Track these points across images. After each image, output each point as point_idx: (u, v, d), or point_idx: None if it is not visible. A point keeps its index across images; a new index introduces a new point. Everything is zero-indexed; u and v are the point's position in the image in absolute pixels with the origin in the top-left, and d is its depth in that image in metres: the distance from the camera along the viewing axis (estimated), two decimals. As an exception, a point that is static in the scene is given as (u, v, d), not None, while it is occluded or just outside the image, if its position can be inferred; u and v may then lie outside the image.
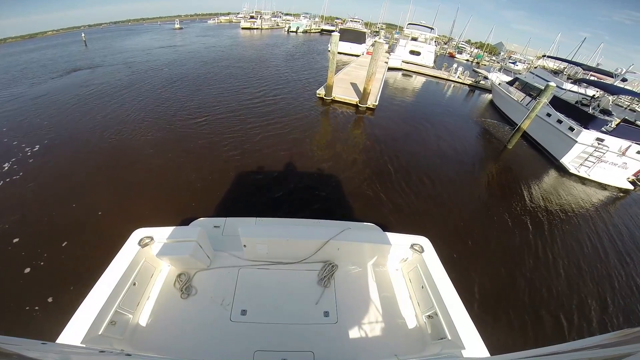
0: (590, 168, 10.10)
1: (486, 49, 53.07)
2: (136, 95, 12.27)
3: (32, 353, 0.89)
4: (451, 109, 16.43)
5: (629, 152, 9.60)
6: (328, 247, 2.61)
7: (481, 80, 23.57)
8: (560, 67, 20.64)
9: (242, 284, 2.54)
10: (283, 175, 7.40)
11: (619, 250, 6.86)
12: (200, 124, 9.82)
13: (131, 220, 4.79)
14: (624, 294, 5.58)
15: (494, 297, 4.95)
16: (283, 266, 2.71)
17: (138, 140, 8.48)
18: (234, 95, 12.93)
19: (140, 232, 2.45)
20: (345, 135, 10.34)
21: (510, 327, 4.48)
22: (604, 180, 10.15)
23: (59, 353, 1.20)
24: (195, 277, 2.54)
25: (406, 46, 28.68)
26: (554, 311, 4.92)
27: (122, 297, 2.08)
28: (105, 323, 1.91)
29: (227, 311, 2.32)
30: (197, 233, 2.43)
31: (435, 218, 6.75)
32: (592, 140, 9.90)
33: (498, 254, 6.00)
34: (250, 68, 18.64)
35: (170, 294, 2.42)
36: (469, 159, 10.32)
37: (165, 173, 7.02)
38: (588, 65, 17.25)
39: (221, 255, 2.73)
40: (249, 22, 50.56)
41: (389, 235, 2.74)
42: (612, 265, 6.32)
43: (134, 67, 17.53)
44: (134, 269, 2.25)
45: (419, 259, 2.60)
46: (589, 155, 10.00)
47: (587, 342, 0.79)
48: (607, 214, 8.41)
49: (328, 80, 12.80)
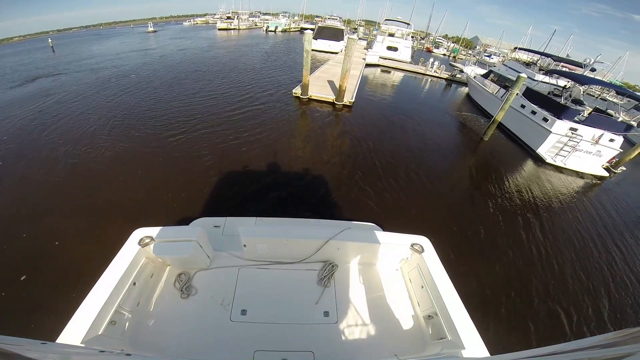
0: (566, 157, 10.18)
1: (462, 43, 54.04)
2: (101, 104, 11.22)
3: (32, 353, 0.87)
4: (429, 103, 16.39)
5: (601, 140, 9.74)
6: (328, 247, 2.59)
7: (457, 74, 23.84)
8: (532, 58, 21.11)
9: (242, 283, 2.52)
10: (257, 178, 6.98)
11: (604, 235, 7.09)
12: (172, 133, 8.96)
13: (102, 247, 4.06)
14: (618, 283, 5.66)
15: (480, 293, 4.80)
16: (283, 266, 2.69)
17: (104, 155, 7.55)
18: (206, 99, 12.19)
19: (140, 232, 2.40)
20: (322, 134, 9.94)
21: (499, 324, 4.27)
22: (580, 168, 10.27)
23: (59, 353, 1.17)
24: (195, 277, 2.52)
25: (383, 42, 28.61)
26: (547, 305, 4.84)
27: (122, 297, 2.05)
28: (105, 323, 1.88)
29: (227, 311, 2.30)
30: (197, 233, 2.40)
31: (416, 215, 6.56)
32: (566, 130, 9.97)
33: (479, 248, 5.90)
34: (225, 70, 17.84)
35: (170, 293, 2.40)
36: (446, 153, 10.19)
37: (136, 190, 6.27)
38: (558, 57, 17.63)
39: (221, 255, 2.70)
40: (225, 23, 49.42)
41: (389, 235, 2.69)
42: (600, 252, 6.44)
43: (100, 73, 16.35)
44: (134, 268, 2.22)
45: (419, 258, 2.57)
46: (564, 145, 10.08)
47: (587, 342, 0.78)
48: (588, 202, 8.56)
49: (303, 79, 12.40)
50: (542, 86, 13.23)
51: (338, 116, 11.87)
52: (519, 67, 17.80)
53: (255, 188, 6.61)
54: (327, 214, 6.12)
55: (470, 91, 18.58)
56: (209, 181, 6.68)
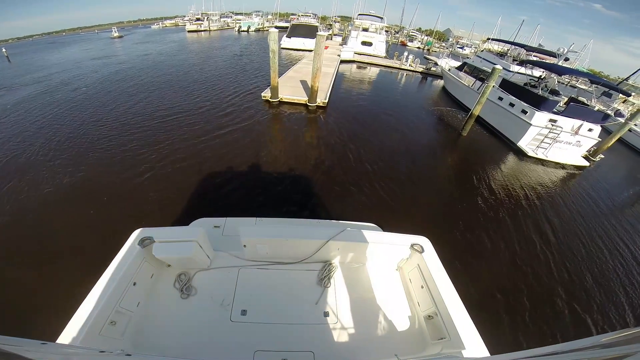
0: (547, 149, 9.96)
1: (435, 36, 54.63)
2: (46, 126, 9.63)
3: (32, 353, 0.86)
4: (406, 99, 15.92)
5: (581, 130, 9.55)
6: (328, 247, 2.56)
7: (432, 67, 23.72)
8: (504, 48, 21.14)
9: (242, 284, 2.50)
10: (226, 191, 6.28)
11: (596, 225, 7.12)
12: (132, 148, 7.82)
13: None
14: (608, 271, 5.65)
15: (472, 293, 4.60)
16: (283, 266, 2.68)
17: (49, 187, 6.21)
18: (170, 109, 11.00)
19: (140, 232, 2.38)
20: (293, 141, 9.13)
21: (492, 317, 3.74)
22: (561, 160, 10.09)
23: (59, 353, 1.16)
24: (195, 277, 2.51)
25: (358, 37, 28.10)
26: (545, 304, 4.72)
27: (122, 297, 2.03)
28: (105, 323, 1.86)
29: (227, 311, 2.29)
30: (197, 233, 2.36)
31: (400, 216, 6.27)
32: (545, 121, 9.72)
33: (464, 247, 5.68)
34: (191, 75, 16.52)
35: (170, 294, 2.38)
36: (425, 152, 9.69)
37: (89, 230, 5.13)
38: (530, 46, 17.68)
39: (221, 255, 2.68)
40: (195, 25, 47.64)
41: (389, 235, 2.66)
42: (602, 250, 6.30)
43: (49, 84, 14.86)
44: (134, 268, 2.20)
45: (419, 259, 2.55)
46: (545, 137, 9.84)
47: (587, 342, 0.77)
48: (575, 191, 8.67)
49: (272, 81, 11.49)
50: (517, 77, 13.02)
51: (311, 119, 11.10)
52: (493, 58, 17.70)
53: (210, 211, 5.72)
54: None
55: (445, 84, 18.30)
56: (162, 203, 5.79)
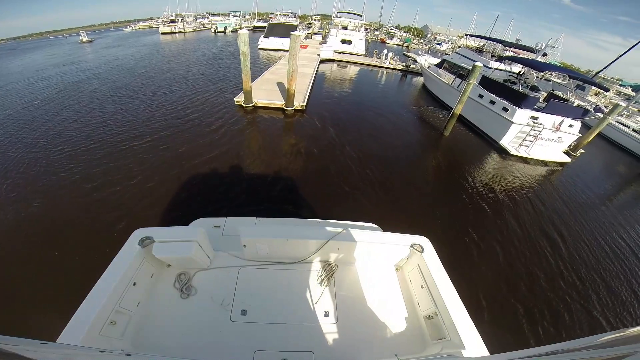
0: (529, 147, 9.86)
1: (414, 33, 55.06)
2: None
3: (32, 353, 0.85)
4: (386, 98, 15.59)
5: (562, 126, 9.46)
6: (328, 247, 2.53)
7: (411, 64, 23.65)
8: (481, 44, 21.22)
9: (242, 284, 2.48)
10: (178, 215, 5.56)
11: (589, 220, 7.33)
12: (97, 168, 6.92)
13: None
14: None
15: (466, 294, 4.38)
16: (283, 266, 2.65)
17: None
18: (136, 119, 10.02)
19: (140, 232, 2.34)
20: (269, 149, 8.52)
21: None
22: (543, 157, 10.02)
23: (59, 353, 1.13)
24: (195, 277, 2.47)
25: (337, 36, 27.65)
26: (543, 302, 4.73)
27: (122, 296, 2.01)
28: (105, 323, 1.85)
29: (227, 311, 2.26)
30: (197, 233, 2.33)
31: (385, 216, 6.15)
32: (527, 119, 9.59)
33: (453, 248, 5.65)
34: (161, 82, 15.41)
35: (170, 293, 2.35)
36: (406, 153, 9.36)
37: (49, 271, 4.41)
38: (508, 42, 17.64)
39: (221, 255, 2.65)
40: (168, 27, 45.74)
41: (389, 235, 2.65)
42: (603, 250, 6.34)
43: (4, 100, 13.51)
44: (134, 268, 2.18)
45: (419, 258, 2.53)
46: (527, 135, 9.71)
47: (587, 342, 0.77)
48: (559, 187, 8.76)
49: (244, 85, 10.82)
50: (496, 74, 12.92)
51: (291, 123, 10.55)
52: (471, 54, 17.63)
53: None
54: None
55: (425, 82, 18.14)
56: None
